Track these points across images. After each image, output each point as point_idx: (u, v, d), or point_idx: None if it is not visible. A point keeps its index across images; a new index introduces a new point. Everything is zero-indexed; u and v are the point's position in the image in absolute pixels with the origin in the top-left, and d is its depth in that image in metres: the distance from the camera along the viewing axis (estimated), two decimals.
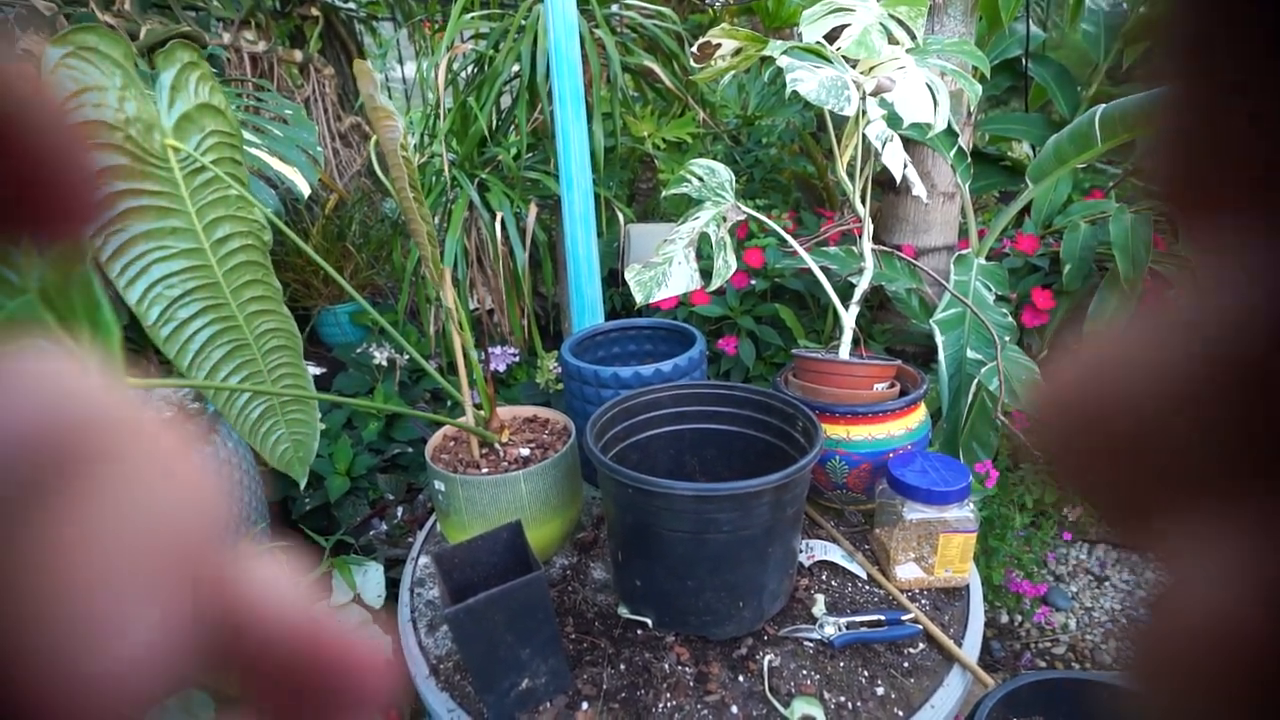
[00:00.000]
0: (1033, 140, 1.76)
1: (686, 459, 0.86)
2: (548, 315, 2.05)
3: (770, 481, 0.61)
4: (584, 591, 0.80)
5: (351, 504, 1.33)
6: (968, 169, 1.25)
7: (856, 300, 0.91)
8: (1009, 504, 1.36)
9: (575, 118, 1.19)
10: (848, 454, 0.84)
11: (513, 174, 1.64)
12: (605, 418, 0.77)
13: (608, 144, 1.65)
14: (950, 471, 0.76)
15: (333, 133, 2.13)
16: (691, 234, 0.88)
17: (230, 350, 0.62)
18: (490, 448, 0.83)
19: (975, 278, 1.11)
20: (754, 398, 0.81)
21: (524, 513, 0.76)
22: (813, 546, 0.84)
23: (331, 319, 1.91)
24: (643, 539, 0.67)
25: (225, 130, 0.60)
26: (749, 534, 0.65)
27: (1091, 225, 1.45)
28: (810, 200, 2.04)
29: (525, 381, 1.70)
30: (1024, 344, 1.50)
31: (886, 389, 0.87)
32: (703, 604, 0.68)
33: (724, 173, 0.93)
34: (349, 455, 1.35)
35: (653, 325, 1.06)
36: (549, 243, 1.74)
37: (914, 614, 0.73)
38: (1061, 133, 1.09)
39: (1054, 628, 1.50)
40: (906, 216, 1.51)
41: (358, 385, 1.63)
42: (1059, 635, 1.48)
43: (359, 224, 1.96)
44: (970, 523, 0.75)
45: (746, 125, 2.17)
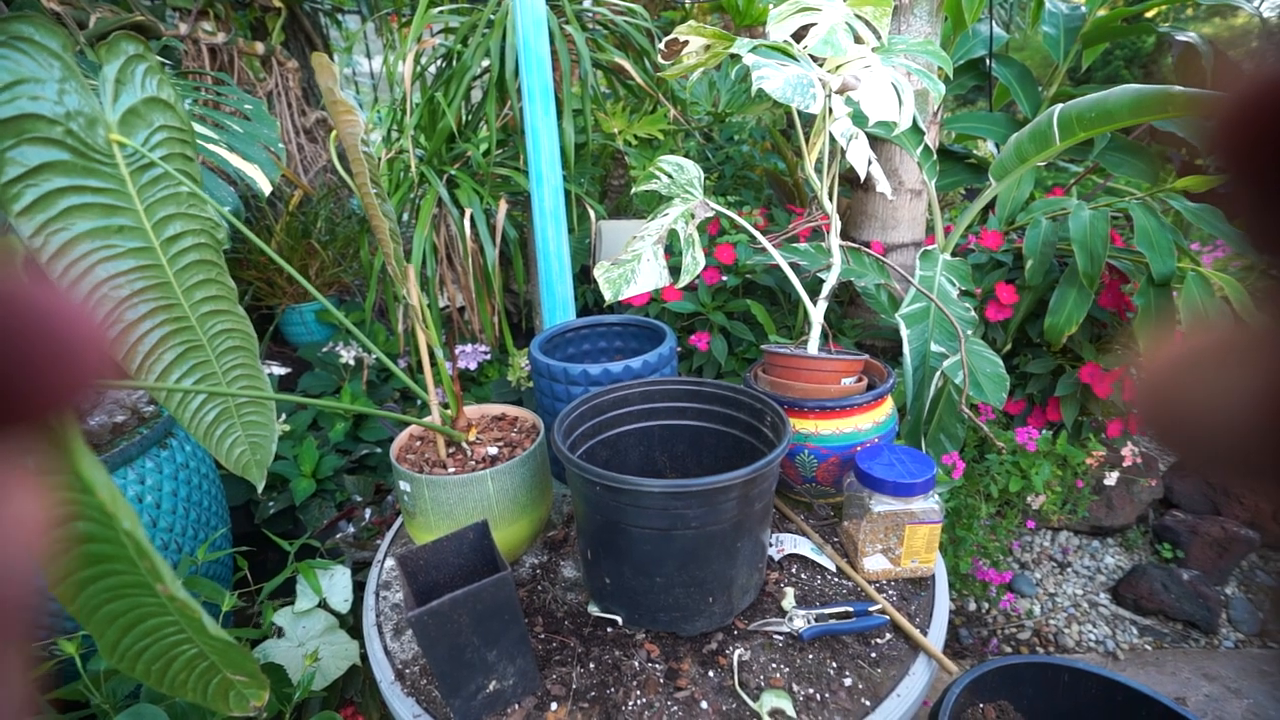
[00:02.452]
0: (996, 139, 1.80)
1: (656, 455, 0.86)
2: (519, 312, 2.03)
3: (738, 476, 0.61)
4: (554, 590, 0.79)
5: (318, 507, 1.30)
6: (934, 166, 1.26)
7: (825, 296, 0.92)
8: (975, 494, 1.39)
9: (545, 114, 1.18)
10: (816, 448, 0.84)
11: (482, 170, 1.62)
12: (574, 415, 0.77)
13: (579, 140, 1.64)
14: (916, 464, 0.77)
15: (297, 127, 2.08)
16: (660, 231, 0.87)
17: (183, 352, 0.60)
18: (457, 447, 0.82)
19: (940, 273, 1.13)
20: (722, 393, 0.81)
21: (492, 512, 0.75)
22: (783, 540, 0.84)
23: (297, 317, 1.87)
24: (611, 536, 0.67)
25: (175, 125, 0.58)
26: (717, 529, 0.65)
27: (1052, 221, 1.48)
28: (781, 197, 2.06)
29: (497, 379, 1.68)
30: (988, 338, 1.53)
31: (854, 383, 0.88)
32: (672, 600, 0.68)
33: (692, 169, 0.92)
34: (315, 457, 1.33)
35: (623, 322, 1.05)
36: (520, 239, 1.73)
37: (881, 605, 0.74)
38: (1022, 131, 1.11)
39: (1019, 614, 1.54)
40: (875, 213, 1.53)
41: (324, 385, 1.60)
42: (1024, 621, 1.52)
43: (325, 220, 1.92)
44: (935, 514, 0.76)
45: (718, 122, 2.17)
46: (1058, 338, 1.40)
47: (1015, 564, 1.69)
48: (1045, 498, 1.43)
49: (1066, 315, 1.39)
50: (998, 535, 1.43)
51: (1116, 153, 1.71)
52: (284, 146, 1.71)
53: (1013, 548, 1.73)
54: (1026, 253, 1.44)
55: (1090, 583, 1.64)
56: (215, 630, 0.36)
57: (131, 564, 0.35)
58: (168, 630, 0.39)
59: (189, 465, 1.05)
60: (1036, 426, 1.55)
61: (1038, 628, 1.50)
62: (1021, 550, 1.73)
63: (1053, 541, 1.77)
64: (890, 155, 1.49)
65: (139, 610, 0.38)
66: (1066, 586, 1.63)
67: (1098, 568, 1.68)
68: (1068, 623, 1.52)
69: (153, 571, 0.33)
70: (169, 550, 0.99)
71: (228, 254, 1.80)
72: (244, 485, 1.29)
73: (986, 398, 1.02)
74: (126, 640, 0.39)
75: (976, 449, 1.45)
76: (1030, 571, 1.68)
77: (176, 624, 0.39)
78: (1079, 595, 1.60)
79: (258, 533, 1.26)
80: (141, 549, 0.33)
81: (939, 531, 0.77)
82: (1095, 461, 1.46)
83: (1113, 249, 1.46)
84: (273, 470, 1.30)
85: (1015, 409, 1.60)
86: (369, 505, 1.34)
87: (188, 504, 1.02)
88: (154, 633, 0.39)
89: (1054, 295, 1.41)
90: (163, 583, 0.33)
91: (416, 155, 1.62)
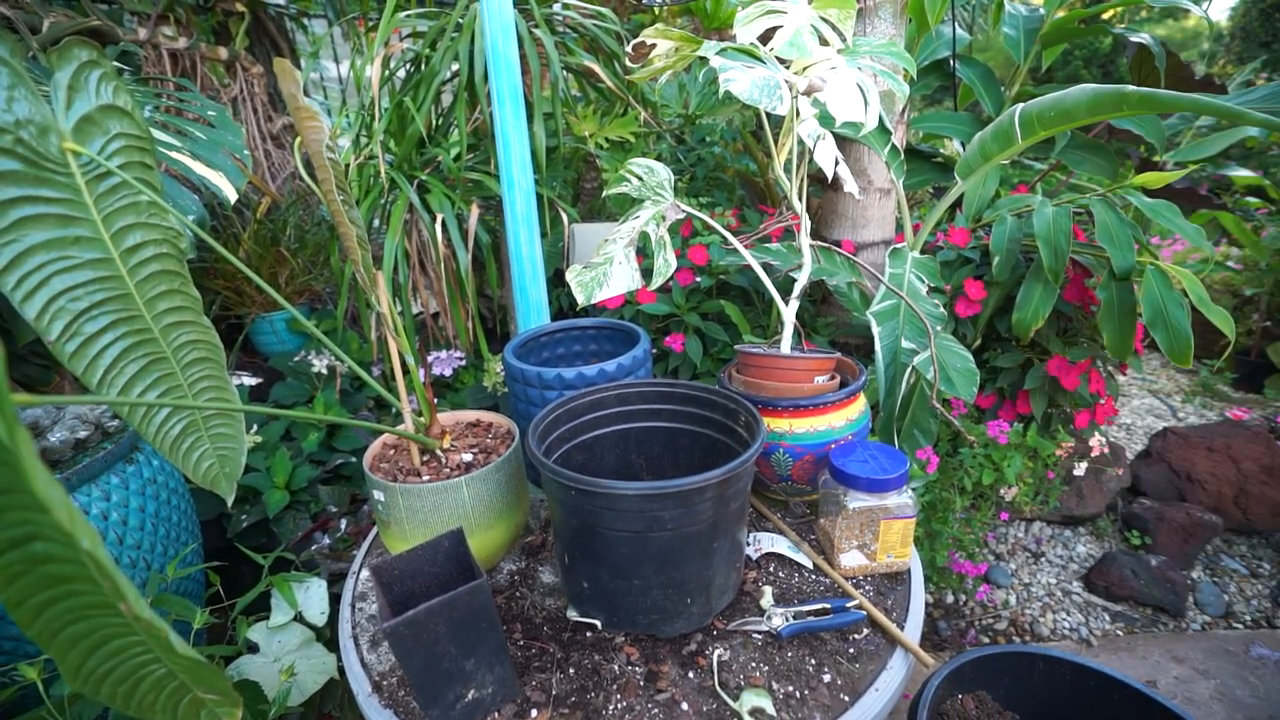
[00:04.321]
0: (962, 137, 1.83)
1: (633, 458, 0.86)
2: (494, 317, 2.02)
3: (713, 477, 0.61)
4: (532, 596, 0.79)
5: (292, 518, 1.28)
6: (901, 165, 1.29)
7: (796, 295, 0.93)
8: (950, 488, 1.42)
9: (515, 118, 1.18)
10: (791, 446, 0.85)
11: (453, 175, 1.61)
12: (549, 419, 0.77)
13: (550, 143, 1.64)
14: (889, 460, 0.79)
15: (264, 133, 2.05)
16: (631, 233, 0.88)
17: (146, 364, 0.59)
18: (432, 454, 0.81)
19: (909, 270, 1.15)
20: (697, 394, 0.82)
21: (467, 519, 0.74)
22: (760, 539, 0.85)
23: (267, 326, 1.84)
24: (588, 540, 0.67)
25: (133, 133, 0.57)
26: (694, 530, 0.65)
27: (1017, 218, 1.52)
28: (753, 197, 2.07)
29: (472, 385, 1.67)
30: (958, 333, 1.56)
31: (827, 381, 0.89)
32: (650, 602, 0.68)
33: (663, 172, 0.93)
34: (288, 467, 1.31)
35: (597, 325, 1.05)
36: (493, 244, 1.72)
37: (858, 600, 0.75)
38: (985, 130, 1.14)
39: (995, 605, 1.57)
40: (845, 212, 1.55)
41: (296, 395, 1.57)
42: (1000, 611, 1.55)
43: (294, 227, 1.89)
44: (909, 508, 0.77)
45: (689, 124, 2.18)
46: (1025, 332, 1.43)
47: (990, 555, 1.73)
48: (1018, 489, 1.46)
49: (1033, 310, 1.42)
50: (972, 528, 1.45)
51: (1077, 150, 1.75)
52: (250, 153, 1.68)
53: (987, 539, 1.76)
54: (993, 249, 1.47)
55: (1063, 571, 1.68)
56: (183, 649, 0.36)
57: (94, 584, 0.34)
58: (134, 651, 0.39)
59: (156, 480, 1.03)
60: (1007, 420, 1.59)
61: (1014, 618, 1.54)
62: (996, 542, 1.77)
63: (1026, 532, 1.81)
64: (859, 155, 1.51)
65: (103, 631, 0.37)
66: (1040, 576, 1.66)
67: (1070, 556, 1.72)
68: (1042, 611, 1.55)
69: (115, 591, 0.33)
70: (138, 568, 0.96)
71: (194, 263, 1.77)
72: (216, 499, 1.27)
73: (958, 392, 1.04)
74: (91, 663, 0.38)
75: (949, 443, 1.48)
76: (1005, 562, 1.71)
77: (143, 644, 0.38)
78: (1053, 584, 1.64)
79: (231, 547, 1.24)
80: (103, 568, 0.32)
81: (914, 526, 0.78)
82: (1065, 452, 1.50)
83: (1076, 244, 1.50)
84: (245, 482, 1.28)
85: (986, 403, 1.63)
86: (344, 516, 1.32)
87: (156, 520, 1.00)
88: (120, 654, 0.38)
89: (1021, 290, 1.45)
90: (126, 602, 0.33)
91: (386, 161, 1.60)
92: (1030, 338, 1.47)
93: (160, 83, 1.67)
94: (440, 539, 0.65)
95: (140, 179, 0.60)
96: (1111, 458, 1.84)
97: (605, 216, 2.02)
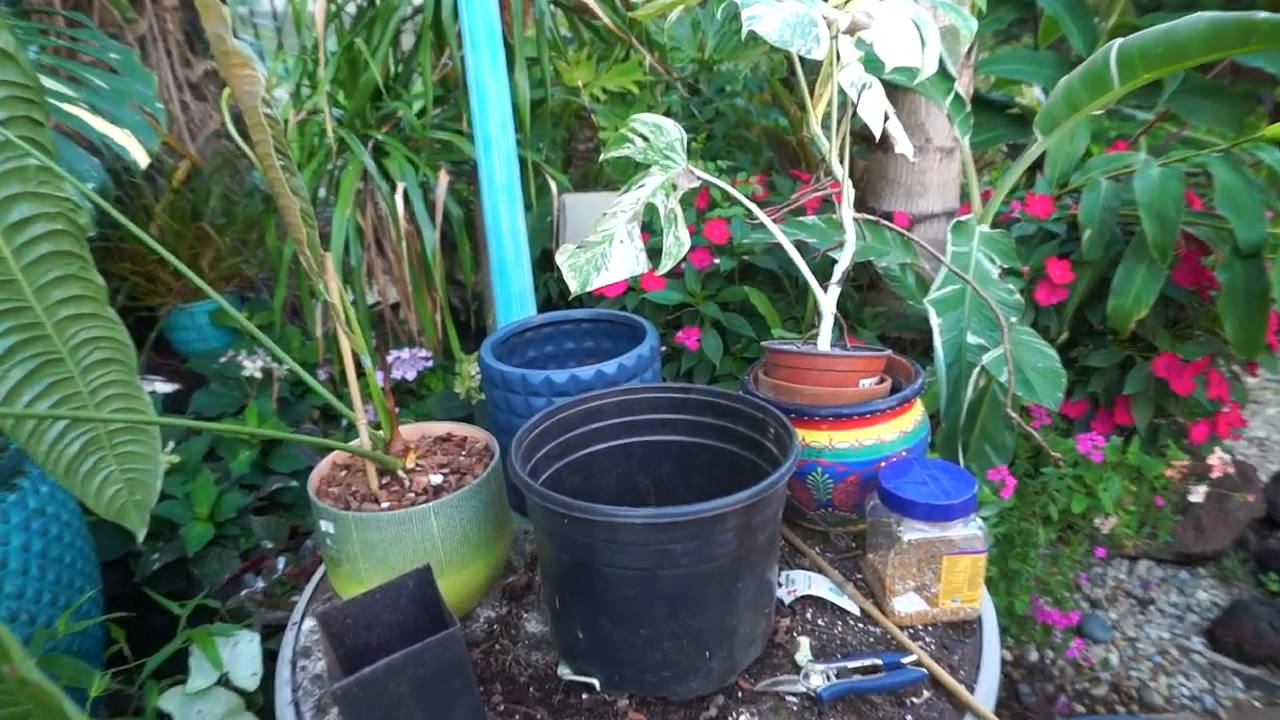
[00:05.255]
0: (1044, 82, 1.83)
1: (637, 479, 0.86)
2: (467, 309, 2.03)
3: (736, 502, 0.62)
4: (515, 650, 0.79)
5: (217, 557, 1.29)
6: (967, 119, 1.29)
7: (837, 280, 0.93)
8: (1030, 516, 1.41)
9: (492, 64, 1.18)
10: (831, 465, 0.85)
11: (417, 135, 1.62)
12: (535, 433, 0.77)
13: (535, 96, 1.65)
14: (953, 481, 0.79)
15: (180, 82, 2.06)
16: (635, 206, 0.88)
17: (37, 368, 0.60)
18: (392, 476, 0.82)
19: (977, 248, 1.15)
20: (716, 401, 0.82)
21: (436, 555, 0.75)
22: (794, 579, 0.85)
23: (186, 320, 1.86)
24: (584, 580, 0.67)
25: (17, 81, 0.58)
26: (713, 567, 0.65)
27: (1114, 182, 1.51)
28: (784, 160, 2.08)
29: (441, 391, 1.68)
30: (1038, 325, 1.56)
31: (875, 385, 0.89)
32: (660, 657, 0.69)
33: (673, 130, 0.93)
34: (212, 494, 1.32)
35: (594, 317, 1.06)
36: (466, 219, 1.73)
37: (916, 655, 0.75)
38: (1074, 73, 1.14)
39: (1092, 664, 1.56)
40: (898, 178, 1.56)
41: (223, 404, 1.59)
42: (1099, 672, 1.54)
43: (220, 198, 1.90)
44: (979, 541, 0.77)
45: (704, 71, 2.19)
46: (1125, 323, 1.43)
47: (1084, 602, 1.72)
48: (1117, 519, 1.45)
49: (1134, 295, 1.42)
50: (1060, 567, 1.45)
51: (1191, 95, 1.74)
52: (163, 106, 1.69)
53: (1080, 581, 1.76)
54: (1083, 221, 1.47)
55: (1179, 624, 1.67)
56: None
57: None
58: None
59: (45, 512, 1.03)
60: (1102, 432, 1.58)
61: (1116, 680, 1.53)
62: (1091, 585, 1.76)
63: (1130, 573, 1.81)
64: (914, 107, 1.51)
65: None
66: (1150, 629, 1.65)
67: (1188, 605, 1.71)
68: (1153, 674, 1.54)
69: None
70: (19, 621, 0.97)
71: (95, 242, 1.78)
72: (120, 534, 1.27)
73: (1038, 398, 1.04)
74: None
75: (1029, 461, 1.48)
76: (1103, 611, 1.71)
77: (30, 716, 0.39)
78: (1166, 639, 1.63)
79: (139, 593, 1.25)
80: None
81: (984, 563, 0.78)
82: (1177, 473, 1.49)
83: (1189, 213, 1.50)
84: (157, 514, 1.29)
85: (1075, 411, 1.63)
86: (282, 553, 1.33)
87: (44, 561, 1.01)
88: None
89: (1118, 272, 1.44)
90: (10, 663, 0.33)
91: (334, 117, 1.61)
92: (1131, 330, 1.47)
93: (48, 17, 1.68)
94: (403, 579, 0.66)
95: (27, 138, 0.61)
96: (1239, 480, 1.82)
97: (603, 185, 2.03)
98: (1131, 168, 1.49)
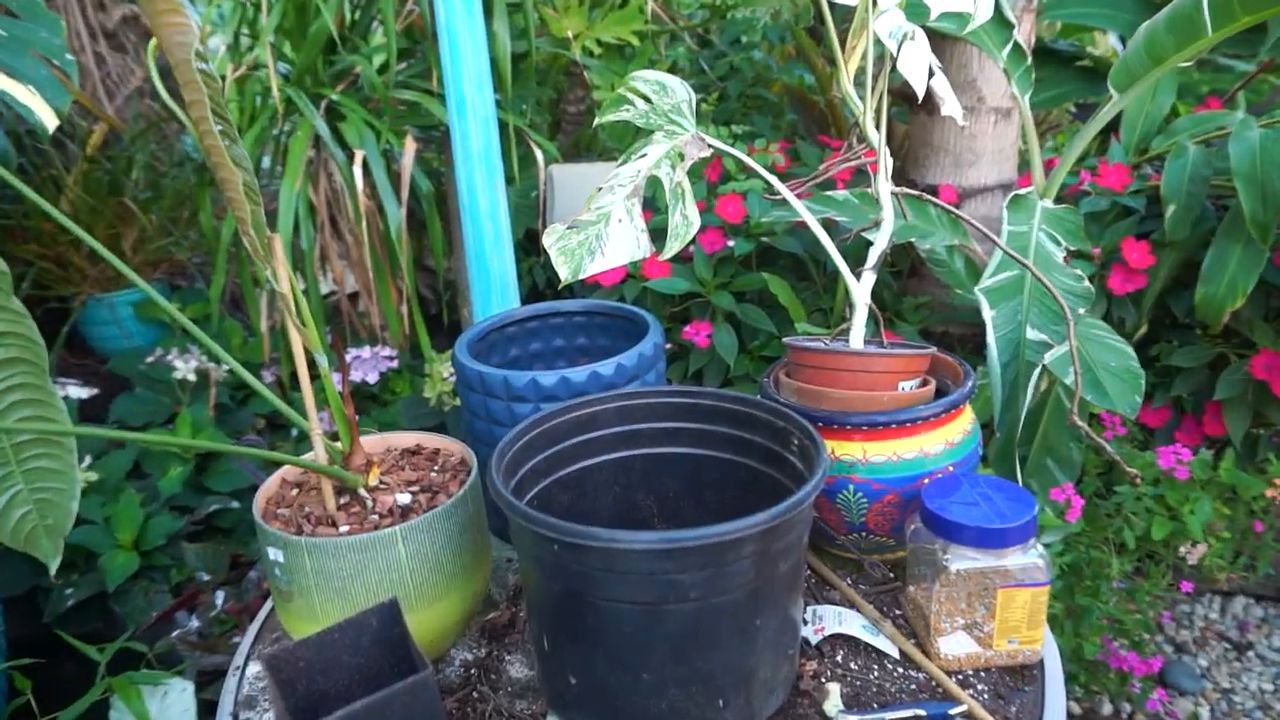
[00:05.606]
0: (1121, 29, 1.83)
1: (639, 498, 0.87)
2: (438, 300, 2.04)
3: (754, 525, 0.63)
4: (496, 698, 0.80)
5: (143, 591, 1.30)
6: (1028, 74, 1.29)
7: (872, 266, 0.94)
8: (1102, 544, 1.42)
9: (466, 9, 1.19)
10: (866, 482, 0.86)
11: (378, 94, 1.63)
12: (519, 445, 0.78)
13: (517, 49, 1.66)
14: (1009, 501, 0.80)
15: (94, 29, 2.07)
16: (635, 179, 0.89)
17: None
18: (352, 495, 0.83)
19: (1038, 227, 1.16)
20: (731, 408, 0.83)
21: (405, 587, 0.76)
22: (822, 615, 0.86)
23: (105, 313, 1.86)
24: (577, 615, 0.68)
25: None
26: (727, 600, 0.66)
27: (1204, 147, 1.52)
28: (810, 125, 2.09)
29: (408, 396, 1.69)
30: (1112, 318, 1.57)
31: (917, 389, 0.90)
32: (666, 706, 0.69)
33: (680, 90, 0.94)
34: (137, 518, 1.33)
35: (587, 310, 1.07)
36: (437, 194, 1.74)
37: (967, 705, 0.76)
38: (1157, 17, 1.14)
39: (1178, 719, 1.57)
40: (945, 145, 1.56)
41: (151, 411, 1.60)
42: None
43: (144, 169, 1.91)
44: (1041, 572, 0.78)
45: (716, 19, 2.20)
46: (1217, 315, 1.43)
47: (1168, 645, 1.73)
48: (1207, 547, 1.46)
49: (1228, 283, 1.42)
50: (1138, 603, 1.46)
51: None
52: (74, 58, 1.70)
53: (1163, 621, 1.76)
54: (1166, 194, 1.47)
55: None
56: None
57: None
58: None
59: None
60: (1189, 444, 1.59)
61: None
62: (1176, 625, 1.77)
63: (1223, 613, 1.81)
64: (964, 60, 1.52)
65: None
66: (1247, 678, 1.66)
67: None
68: None
69: None
70: None
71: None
72: (28, 565, 1.29)
73: (1112, 404, 1.05)
74: None
75: (1100, 479, 1.48)
76: (1191, 656, 1.71)
77: None
78: (1269, 691, 1.63)
79: (49, 635, 1.26)
80: None
81: (1046, 597, 0.79)
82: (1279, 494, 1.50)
83: None
84: (72, 541, 1.30)
85: (1156, 420, 1.64)
86: (221, 585, 1.34)
87: None
88: None
89: (1208, 254, 1.44)
90: None
91: (280, 72, 1.63)
92: (1224, 324, 1.47)
93: None
94: (365, 616, 0.67)
95: None
96: None
97: (598, 154, 2.04)
98: (1226, 130, 1.49)
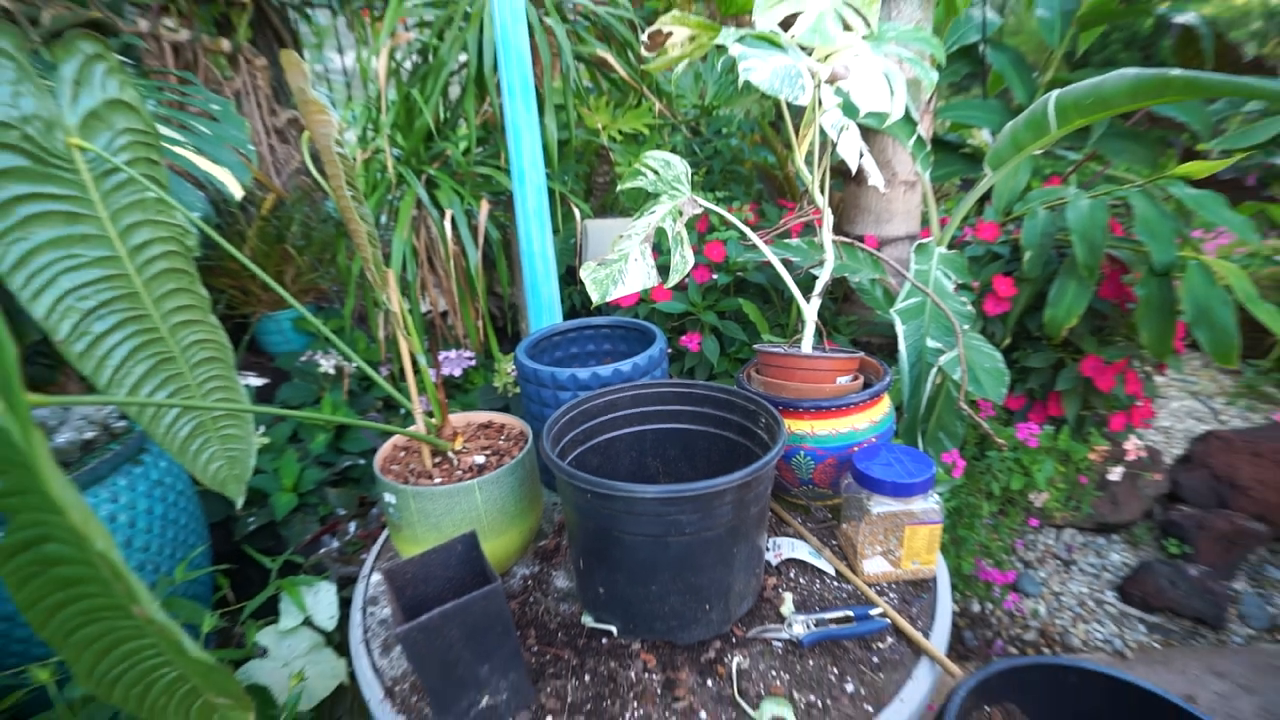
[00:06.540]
0: (992, 127, 1.81)
1: (649, 460, 0.86)
2: (504, 316, 2.03)
3: (732, 480, 0.62)
4: (546, 601, 0.80)
5: (300, 521, 1.30)
6: (927, 157, 1.28)
7: (818, 292, 0.93)
8: (976, 493, 1.40)
9: (526, 110, 1.18)
10: (813, 449, 0.85)
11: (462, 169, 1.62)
12: (563, 421, 0.77)
13: (562, 136, 1.65)
14: (914, 463, 0.78)
15: (268, 128, 2.07)
16: (647, 229, 0.88)
17: (155, 364, 0.60)
18: (443, 456, 0.82)
19: (936, 266, 1.14)
20: (715, 395, 0.82)
21: (480, 523, 0.75)
22: (780, 544, 0.85)
23: (273, 326, 1.86)
24: (604, 545, 0.67)
25: (139, 129, 0.58)
26: (713, 535, 0.65)
27: (1050, 211, 1.50)
28: (772, 191, 2.07)
29: (482, 386, 1.68)
30: (987, 332, 1.55)
31: (850, 382, 0.89)
32: (668, 609, 0.68)
33: (679, 165, 0.93)
34: (295, 470, 1.32)
35: (611, 324, 1.06)
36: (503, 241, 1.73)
37: (882, 608, 0.75)
38: (1017, 119, 1.12)
39: (1024, 614, 1.55)
40: (869, 206, 1.54)
41: (303, 395, 1.59)
42: (1029, 621, 1.53)
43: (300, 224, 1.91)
44: (935, 514, 0.77)
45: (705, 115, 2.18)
46: (1058, 330, 1.42)
47: (1019, 563, 1.71)
48: (1048, 495, 1.44)
49: (1066, 307, 1.41)
50: (1000, 534, 1.44)
51: (1115, 139, 1.73)
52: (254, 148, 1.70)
53: (1016, 547, 1.74)
54: (1024, 244, 1.45)
55: (1096, 581, 1.66)
56: (195, 652, 0.37)
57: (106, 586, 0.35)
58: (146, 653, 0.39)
59: (164, 482, 1.04)
60: (1038, 422, 1.57)
61: (1043, 628, 1.52)
62: (1025, 549, 1.75)
63: (1057, 539, 1.79)
64: (883, 146, 1.50)
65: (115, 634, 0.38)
66: (1072, 585, 1.64)
67: (1103, 565, 1.70)
68: (1074, 622, 1.53)
69: (128, 593, 0.34)
70: (145, 570, 0.98)
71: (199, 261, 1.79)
72: (222, 501, 1.29)
73: (986, 393, 1.03)
74: (103, 665, 0.39)
75: (977, 446, 1.46)
76: (1035, 571, 1.69)
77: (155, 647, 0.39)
78: (1085, 594, 1.62)
79: (238, 550, 1.26)
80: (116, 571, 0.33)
81: (940, 532, 0.78)
82: (1099, 456, 1.48)
83: (1112, 238, 1.48)
84: (252, 484, 1.30)
85: (1016, 404, 1.62)
86: (353, 519, 1.34)
87: (164, 522, 1.02)
88: (132, 656, 0.39)
89: (1053, 287, 1.43)
90: (139, 605, 0.34)
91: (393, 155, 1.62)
92: (1063, 337, 1.45)
93: (163, 76, 1.70)
94: (453, 543, 0.66)
95: (147, 175, 0.61)
96: (1149, 462, 1.81)
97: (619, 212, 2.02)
98: (1065, 199, 1.48)
